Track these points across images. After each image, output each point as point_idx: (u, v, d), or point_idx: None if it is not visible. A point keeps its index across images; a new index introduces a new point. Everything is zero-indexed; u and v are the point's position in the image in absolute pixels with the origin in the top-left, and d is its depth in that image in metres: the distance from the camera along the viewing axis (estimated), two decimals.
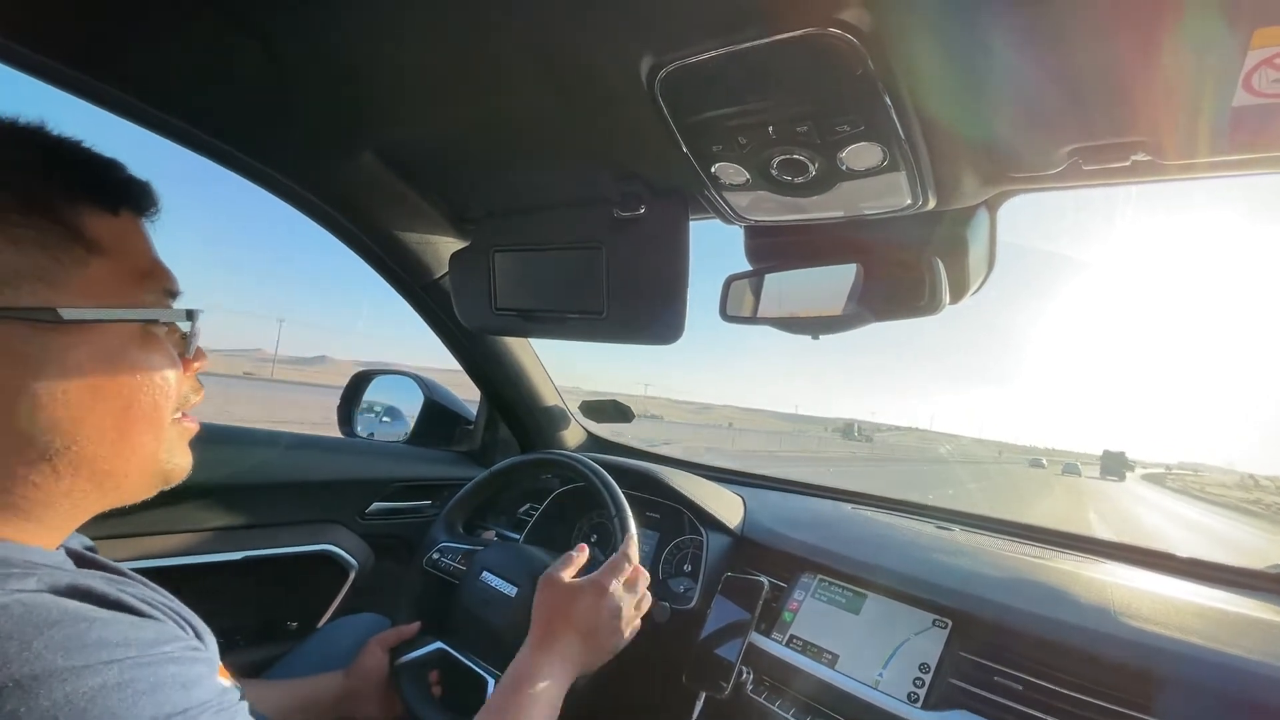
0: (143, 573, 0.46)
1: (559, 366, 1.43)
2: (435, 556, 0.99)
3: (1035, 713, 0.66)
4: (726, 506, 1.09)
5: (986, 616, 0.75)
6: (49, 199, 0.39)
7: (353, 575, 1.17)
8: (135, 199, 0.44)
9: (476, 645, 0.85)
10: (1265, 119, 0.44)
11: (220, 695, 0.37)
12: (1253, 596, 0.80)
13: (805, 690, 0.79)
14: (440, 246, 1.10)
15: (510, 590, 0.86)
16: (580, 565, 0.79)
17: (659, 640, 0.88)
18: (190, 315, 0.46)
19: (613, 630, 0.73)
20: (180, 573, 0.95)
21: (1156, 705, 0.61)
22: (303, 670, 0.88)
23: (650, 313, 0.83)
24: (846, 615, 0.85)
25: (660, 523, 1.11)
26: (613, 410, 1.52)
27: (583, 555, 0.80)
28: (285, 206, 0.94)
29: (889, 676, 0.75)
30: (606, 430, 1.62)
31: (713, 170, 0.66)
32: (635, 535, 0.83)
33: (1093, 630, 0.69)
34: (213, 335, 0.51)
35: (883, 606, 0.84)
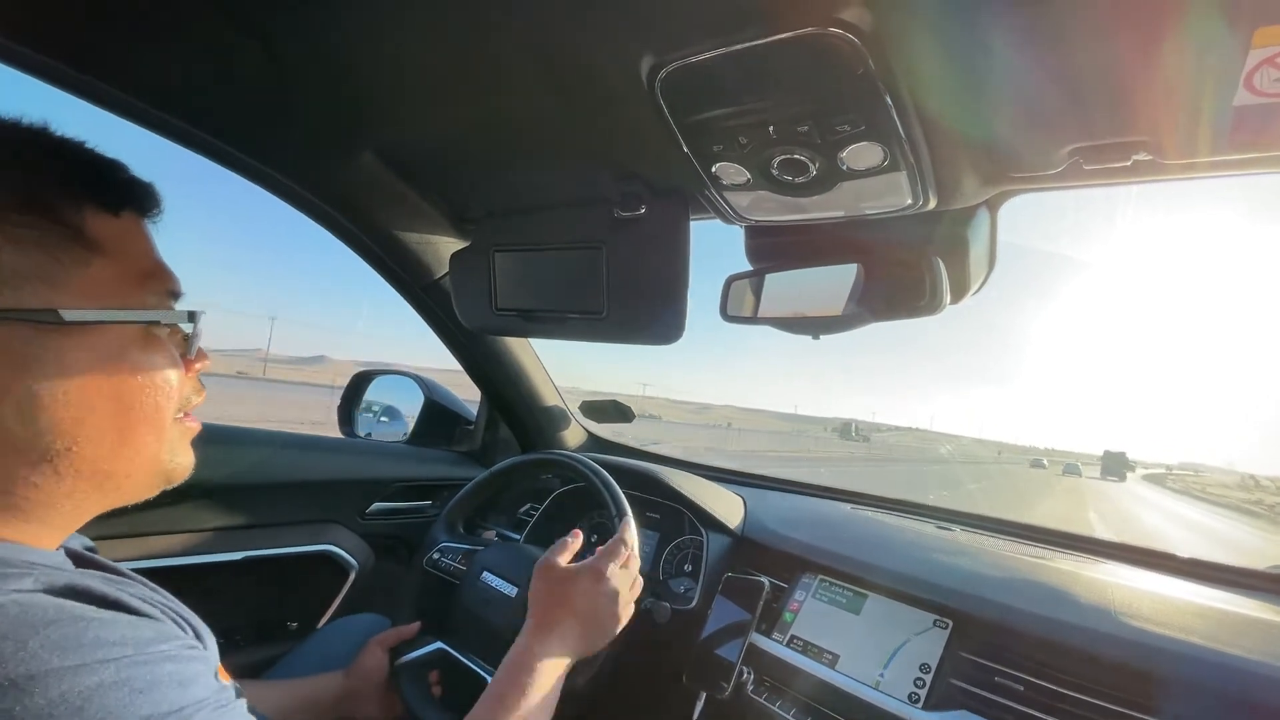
0: (143, 573, 0.46)
1: (554, 367, 1.44)
2: (435, 556, 0.99)
3: (1036, 713, 0.66)
4: (727, 507, 1.09)
5: (987, 617, 0.75)
6: (50, 199, 0.39)
7: (353, 575, 1.17)
8: (138, 200, 0.44)
9: (477, 645, 0.85)
10: (1267, 118, 0.44)
11: (217, 693, 0.37)
12: (1253, 597, 0.80)
13: (806, 690, 0.79)
14: (440, 246, 1.10)
15: (510, 590, 0.86)
16: (575, 550, 0.78)
17: (659, 641, 0.88)
18: (192, 316, 0.46)
19: (610, 614, 0.73)
20: (180, 573, 0.95)
21: (1157, 705, 0.61)
22: (303, 670, 0.87)
23: (650, 313, 0.83)
24: (847, 615, 0.85)
25: (660, 523, 1.11)
26: (613, 410, 1.52)
27: (577, 540, 0.79)
28: (283, 207, 0.94)
29: (890, 677, 0.75)
30: (607, 430, 1.62)
31: (713, 170, 0.66)
32: (632, 520, 0.83)
33: (1093, 630, 0.69)
34: (212, 336, 0.51)
35: (883, 607, 0.83)
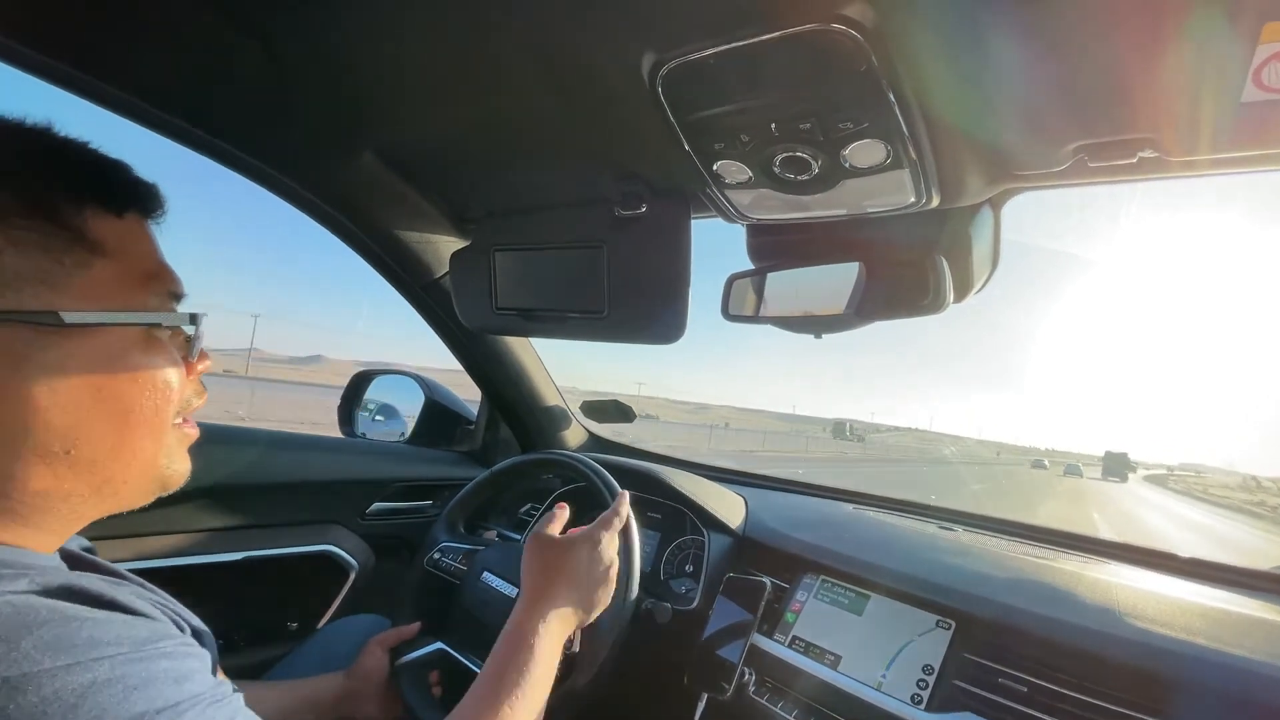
0: (142, 574, 0.45)
1: (552, 367, 1.44)
2: (436, 556, 0.99)
3: (1039, 714, 0.65)
4: (728, 507, 1.08)
5: (990, 617, 0.75)
6: (51, 201, 0.38)
7: (353, 576, 1.17)
8: (141, 201, 0.44)
9: (477, 646, 0.85)
10: (1275, 114, 0.44)
11: (213, 689, 0.37)
12: (1256, 597, 0.80)
13: (808, 692, 0.79)
14: (441, 246, 1.10)
15: (511, 591, 0.86)
16: (564, 521, 0.79)
17: (661, 641, 0.88)
18: (194, 319, 0.46)
19: (605, 581, 0.73)
20: (180, 573, 0.95)
21: (1161, 706, 0.61)
22: (303, 671, 0.87)
23: (651, 312, 0.83)
24: (849, 616, 0.84)
25: (662, 523, 1.10)
26: (614, 410, 1.52)
27: (564, 512, 0.80)
28: (280, 207, 0.94)
29: (892, 678, 0.75)
30: (608, 430, 1.62)
31: (715, 168, 0.66)
32: (627, 495, 0.83)
33: (1097, 631, 0.68)
34: (211, 337, 0.51)
35: (886, 607, 0.83)
